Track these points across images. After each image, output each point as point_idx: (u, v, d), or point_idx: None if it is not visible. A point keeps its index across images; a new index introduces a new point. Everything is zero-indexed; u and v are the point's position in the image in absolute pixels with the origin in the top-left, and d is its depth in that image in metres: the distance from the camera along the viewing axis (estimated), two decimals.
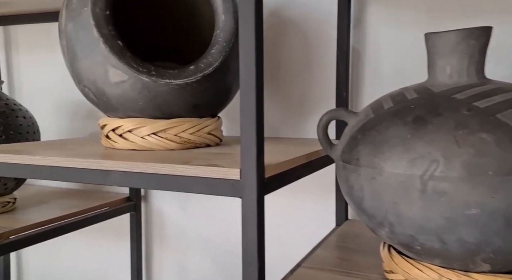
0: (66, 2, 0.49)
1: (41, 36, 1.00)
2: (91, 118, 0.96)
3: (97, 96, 0.50)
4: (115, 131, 0.52)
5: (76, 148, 0.54)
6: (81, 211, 0.75)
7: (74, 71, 0.49)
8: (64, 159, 0.44)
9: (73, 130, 0.99)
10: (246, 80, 0.33)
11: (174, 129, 0.51)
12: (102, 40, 0.43)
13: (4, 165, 0.47)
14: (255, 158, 0.34)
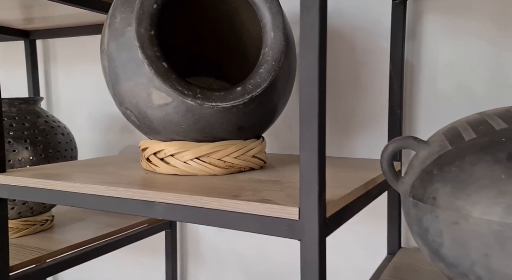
0: (109, 21, 0.47)
1: (78, 49, 1.01)
2: (126, 131, 0.96)
3: (139, 119, 0.48)
4: (157, 155, 0.50)
5: (115, 172, 0.52)
6: (118, 230, 0.74)
7: (116, 93, 0.48)
8: (106, 187, 0.42)
9: (109, 144, 0.99)
10: (307, 109, 0.30)
11: (218, 153, 0.49)
12: (147, 62, 0.41)
13: (44, 192, 0.46)
14: (317, 196, 0.31)
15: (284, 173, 0.50)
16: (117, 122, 0.98)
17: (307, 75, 0.30)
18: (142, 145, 0.53)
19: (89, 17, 0.82)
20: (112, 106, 0.97)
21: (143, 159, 0.53)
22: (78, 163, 0.61)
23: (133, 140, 0.96)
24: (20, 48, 1.05)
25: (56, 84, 1.06)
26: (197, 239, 0.87)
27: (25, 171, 0.52)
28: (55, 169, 0.55)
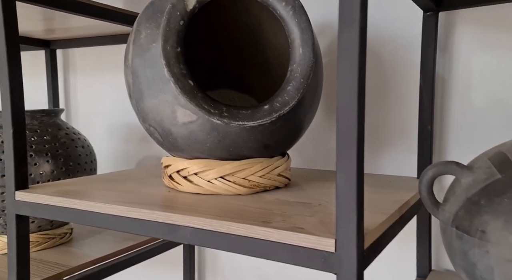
0: (133, 37, 0.47)
1: (97, 59, 1.01)
2: (145, 142, 0.96)
3: (162, 136, 0.47)
4: (180, 173, 0.49)
5: (137, 189, 0.51)
6: (136, 244, 0.73)
7: (140, 109, 0.47)
8: (128, 208, 0.41)
9: (127, 154, 0.99)
10: (345, 134, 0.28)
11: (243, 172, 0.47)
12: (173, 80, 0.40)
13: (66, 211, 0.46)
14: (355, 226, 0.29)
15: (311, 193, 0.48)
16: (136, 133, 0.98)
17: (345, 98, 0.28)
18: (164, 162, 0.52)
19: (108, 28, 0.82)
20: (131, 117, 0.97)
21: (165, 176, 0.52)
22: (98, 178, 0.61)
23: (152, 151, 0.96)
24: (40, 57, 1.06)
25: (75, 94, 1.07)
26: (215, 253, 0.86)
27: (47, 188, 0.52)
28: (76, 185, 0.54)
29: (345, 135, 0.28)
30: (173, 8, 0.41)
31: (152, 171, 0.67)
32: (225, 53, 0.68)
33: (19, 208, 0.49)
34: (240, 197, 0.46)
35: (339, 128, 0.29)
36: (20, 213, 0.49)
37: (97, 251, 0.69)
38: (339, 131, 0.29)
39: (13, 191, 0.50)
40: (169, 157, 0.52)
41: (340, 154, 0.29)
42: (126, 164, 0.99)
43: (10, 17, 0.48)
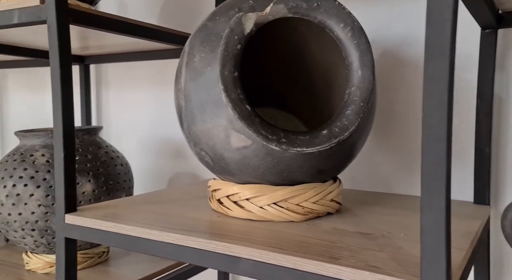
0: (186, 60, 0.47)
1: (129, 74, 1.03)
2: (178, 157, 0.96)
3: (214, 160, 0.47)
4: (230, 197, 0.48)
5: (184, 214, 0.50)
6: (174, 265, 0.73)
7: (192, 133, 0.47)
8: (185, 237, 0.40)
9: (160, 170, 0.99)
10: (432, 167, 0.27)
11: (297, 198, 0.46)
12: (231, 106, 0.39)
13: (119, 237, 0.45)
14: (444, 270, 0.27)
15: (367, 220, 0.46)
16: (168, 148, 0.98)
17: (433, 135, 0.27)
18: (213, 185, 0.51)
19: (141, 44, 0.83)
20: (163, 132, 0.97)
21: (213, 199, 0.51)
22: (141, 199, 0.60)
23: (185, 167, 0.95)
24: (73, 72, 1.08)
25: (107, 109, 1.08)
26: None
27: (94, 210, 0.52)
28: (123, 207, 0.54)
29: (432, 172, 0.27)
30: (231, 32, 0.40)
31: (192, 191, 0.66)
32: (268, 71, 0.67)
33: (69, 231, 0.49)
34: (294, 225, 0.45)
35: (426, 165, 0.27)
36: (69, 237, 0.49)
37: (135, 271, 0.68)
38: (425, 169, 0.27)
39: (63, 214, 0.50)
40: (217, 180, 0.51)
41: (426, 193, 0.27)
42: (158, 180, 0.99)
43: (64, 41, 0.48)
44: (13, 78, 1.21)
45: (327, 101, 0.65)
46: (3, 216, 0.63)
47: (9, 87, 1.22)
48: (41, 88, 1.16)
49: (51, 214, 0.63)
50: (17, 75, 1.20)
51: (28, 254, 0.69)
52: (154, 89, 0.98)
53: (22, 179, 0.62)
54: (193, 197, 0.61)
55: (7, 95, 1.22)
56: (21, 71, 1.19)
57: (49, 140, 0.67)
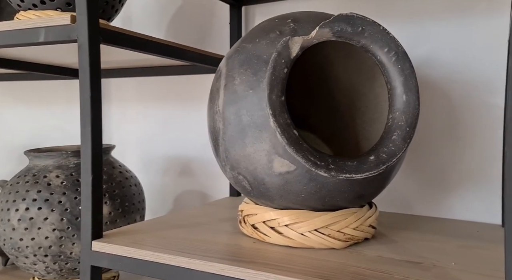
0: (224, 82, 0.46)
1: (133, 89, 1.01)
2: (183, 175, 0.94)
3: (252, 185, 0.46)
4: (267, 223, 0.47)
5: (217, 239, 0.49)
6: None
7: (230, 157, 0.46)
8: (232, 268, 0.39)
9: (165, 187, 0.97)
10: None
11: (338, 224, 0.45)
12: (279, 131, 0.39)
13: (151, 265, 0.44)
14: None
15: (408, 247, 0.46)
16: (174, 166, 0.96)
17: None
18: (246, 210, 0.50)
19: (150, 61, 0.82)
20: (169, 149, 0.96)
21: (245, 224, 0.50)
22: (162, 223, 0.59)
23: (192, 185, 0.94)
24: (73, 87, 1.06)
25: (109, 124, 1.06)
26: None
27: (120, 236, 0.50)
28: (148, 232, 0.52)
29: None
30: (279, 56, 0.40)
31: (212, 213, 0.65)
32: (290, 90, 0.67)
33: (96, 259, 0.47)
34: (337, 252, 0.44)
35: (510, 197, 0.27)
36: (97, 265, 0.47)
37: None
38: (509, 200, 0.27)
39: (89, 241, 0.48)
40: (250, 204, 0.50)
41: None
42: (162, 199, 0.97)
43: (95, 61, 0.47)
44: (4, 91, 1.17)
45: (350, 121, 0.65)
46: (14, 241, 0.60)
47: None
48: (34, 102, 1.13)
49: (66, 239, 0.60)
50: (9, 88, 1.17)
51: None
52: (158, 106, 0.97)
53: (36, 202, 0.60)
54: (217, 220, 0.60)
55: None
56: (12, 84, 1.16)
57: (63, 161, 0.65)
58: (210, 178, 0.91)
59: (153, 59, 0.80)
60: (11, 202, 0.61)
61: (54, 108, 1.10)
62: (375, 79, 0.59)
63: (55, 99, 1.10)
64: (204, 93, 0.91)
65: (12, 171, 1.14)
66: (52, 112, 1.10)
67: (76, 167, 0.65)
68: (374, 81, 0.59)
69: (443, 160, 0.65)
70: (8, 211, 0.60)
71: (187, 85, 0.93)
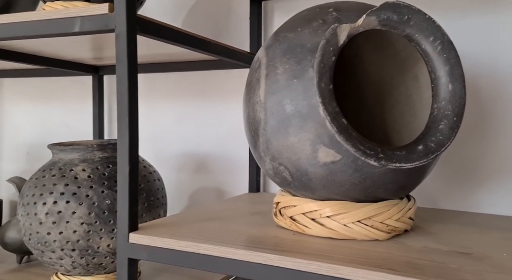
0: (265, 72, 0.46)
1: (144, 85, 1.00)
2: (199, 171, 0.94)
3: (294, 176, 0.46)
4: (307, 215, 0.47)
5: (254, 231, 0.49)
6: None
7: (270, 148, 0.46)
8: (281, 257, 0.39)
9: (180, 184, 0.97)
10: None
11: (381, 215, 0.45)
12: (329, 119, 0.39)
13: (193, 256, 0.43)
14: None
15: (450, 238, 0.46)
16: (189, 162, 0.96)
17: None
18: (284, 201, 0.50)
19: (160, 56, 0.82)
20: (183, 145, 0.95)
21: (282, 216, 0.50)
22: (192, 216, 0.58)
23: (209, 182, 0.93)
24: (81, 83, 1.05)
25: None
26: None
27: (156, 229, 0.50)
28: (181, 225, 0.52)
29: None
30: (327, 43, 0.40)
31: (239, 207, 0.64)
32: None
33: (134, 252, 0.47)
34: (381, 244, 0.44)
35: None
36: (134, 257, 0.47)
37: None
38: None
39: (126, 233, 0.47)
40: (286, 196, 0.50)
41: None
42: (178, 197, 0.97)
43: (132, 51, 0.47)
44: (10, 87, 1.16)
45: (378, 115, 0.65)
46: (41, 235, 0.59)
47: (5, 96, 1.17)
48: (43, 99, 1.12)
49: (94, 233, 0.60)
50: (14, 85, 1.16)
51: (59, 276, 0.65)
52: (172, 102, 0.96)
53: (64, 195, 0.59)
54: (247, 213, 0.59)
55: (2, 105, 1.18)
56: (18, 80, 1.15)
57: (88, 154, 0.64)
58: (227, 175, 0.91)
59: (177, 54, 0.79)
60: (38, 196, 0.60)
61: (61, 105, 1.09)
62: (407, 72, 0.59)
63: (62, 96, 1.09)
64: (220, 89, 0.91)
65: (18, 168, 1.13)
66: (59, 109, 1.10)
67: (101, 161, 0.64)
68: (406, 73, 0.59)
69: (470, 154, 0.66)
70: (35, 205, 0.60)
71: (202, 81, 0.93)
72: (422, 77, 0.56)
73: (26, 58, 0.81)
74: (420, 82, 0.56)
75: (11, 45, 0.70)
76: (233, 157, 0.90)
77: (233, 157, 0.90)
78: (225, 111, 0.91)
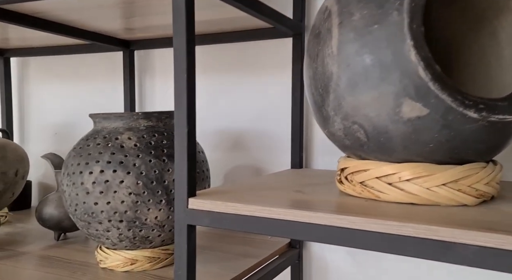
0: (338, 20, 0.42)
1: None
2: (234, 149, 0.91)
3: (369, 135, 0.42)
4: (382, 179, 0.43)
5: (321, 198, 0.46)
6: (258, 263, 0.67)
7: (344, 105, 0.42)
8: (365, 220, 0.35)
9: (214, 162, 0.94)
10: None
11: (469, 179, 0.41)
12: (423, 65, 0.35)
13: (260, 221, 0.40)
14: None
15: None
16: (224, 140, 0.93)
17: None
18: (352, 166, 0.46)
19: (202, 26, 0.79)
20: (217, 122, 0.92)
21: (350, 183, 0.46)
22: (246, 186, 0.55)
23: (245, 160, 0.90)
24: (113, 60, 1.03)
25: (152, 97, 1.03)
26: (325, 274, 0.79)
27: (214, 195, 0.47)
28: (238, 192, 0.49)
29: None
30: None
31: (290, 180, 0.61)
32: None
33: (194, 218, 0.44)
34: (471, 209, 0.40)
35: None
36: (194, 224, 0.44)
37: (224, 268, 0.63)
38: None
39: (185, 199, 0.45)
40: (353, 160, 0.47)
41: None
42: (212, 174, 0.94)
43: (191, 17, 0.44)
44: (37, 67, 1.15)
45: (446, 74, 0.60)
46: (88, 206, 0.58)
47: (31, 76, 1.16)
48: (71, 77, 1.10)
49: (142, 203, 0.58)
50: (41, 64, 1.14)
51: (103, 250, 0.64)
52: (208, 77, 0.93)
53: (110, 164, 0.57)
54: (303, 184, 0.56)
55: (29, 85, 1.17)
56: (45, 60, 1.13)
57: (133, 123, 0.62)
58: (265, 152, 0.88)
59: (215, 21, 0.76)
60: (84, 165, 0.58)
61: (89, 84, 1.08)
62: (483, 28, 0.54)
63: (90, 74, 1.08)
64: (257, 62, 0.87)
65: (47, 149, 1.12)
66: (87, 87, 1.08)
67: (146, 129, 0.62)
68: (481, 29, 0.54)
69: None
70: (81, 174, 0.58)
71: (239, 54, 0.89)
72: (503, 32, 0.51)
73: (53, 27, 0.79)
74: (499, 38, 0.52)
75: (35, 9, 0.68)
76: (272, 133, 0.87)
77: (271, 133, 0.87)
78: (262, 85, 0.88)
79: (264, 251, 0.71)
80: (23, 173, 0.92)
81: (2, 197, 0.88)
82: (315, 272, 0.81)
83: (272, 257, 0.72)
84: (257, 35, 0.82)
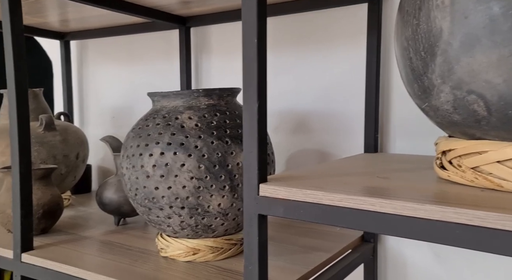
0: None
1: (235, 36, 0.92)
2: (297, 132, 0.85)
3: (491, 108, 0.34)
4: (505, 164, 0.35)
5: (419, 186, 0.38)
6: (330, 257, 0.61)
7: (457, 69, 0.34)
8: (501, 216, 0.28)
9: (275, 146, 0.89)
10: None
11: None
12: None
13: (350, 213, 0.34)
14: None
15: None
16: (286, 122, 0.87)
17: None
18: (462, 148, 0.38)
19: None
20: (279, 103, 0.86)
21: (459, 168, 0.38)
22: (319, 171, 0.49)
23: (307, 142, 0.84)
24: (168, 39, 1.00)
25: (208, 75, 0.99)
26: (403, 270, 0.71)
27: (285, 182, 0.41)
28: (313, 178, 0.43)
29: None
30: None
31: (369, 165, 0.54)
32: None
33: (266, 206, 0.39)
34: None
35: None
36: (266, 213, 0.39)
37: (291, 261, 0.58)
38: None
39: (255, 184, 0.39)
40: (460, 141, 0.38)
41: None
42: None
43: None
44: (94, 49, 1.15)
45: None
46: (148, 190, 0.55)
47: (89, 58, 1.17)
48: (127, 59, 1.09)
49: (204, 189, 0.54)
50: (98, 46, 1.14)
51: (164, 238, 0.61)
52: (268, 53, 0.87)
53: (171, 146, 0.54)
54: (388, 169, 0.49)
55: (87, 68, 1.17)
56: (102, 41, 1.13)
57: (193, 101, 0.58)
58: (331, 134, 0.81)
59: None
60: (143, 147, 0.55)
61: (145, 64, 1.06)
62: None
63: (146, 54, 1.06)
64: (322, 35, 0.80)
65: (104, 133, 1.13)
66: (144, 68, 1.06)
67: (207, 108, 0.57)
68: None
69: None
70: (141, 156, 0.55)
71: (300, 26, 0.82)
72: None
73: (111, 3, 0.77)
74: None
75: None
76: (340, 113, 0.80)
77: (339, 114, 0.80)
78: (330, 60, 0.80)
79: (334, 245, 0.65)
80: (83, 156, 0.93)
81: (65, 180, 0.89)
82: (390, 269, 0.74)
83: (345, 251, 0.66)
84: (329, 2, 0.74)
